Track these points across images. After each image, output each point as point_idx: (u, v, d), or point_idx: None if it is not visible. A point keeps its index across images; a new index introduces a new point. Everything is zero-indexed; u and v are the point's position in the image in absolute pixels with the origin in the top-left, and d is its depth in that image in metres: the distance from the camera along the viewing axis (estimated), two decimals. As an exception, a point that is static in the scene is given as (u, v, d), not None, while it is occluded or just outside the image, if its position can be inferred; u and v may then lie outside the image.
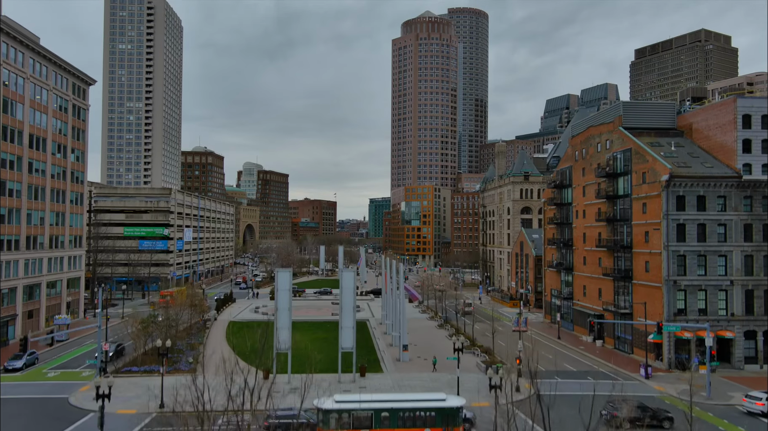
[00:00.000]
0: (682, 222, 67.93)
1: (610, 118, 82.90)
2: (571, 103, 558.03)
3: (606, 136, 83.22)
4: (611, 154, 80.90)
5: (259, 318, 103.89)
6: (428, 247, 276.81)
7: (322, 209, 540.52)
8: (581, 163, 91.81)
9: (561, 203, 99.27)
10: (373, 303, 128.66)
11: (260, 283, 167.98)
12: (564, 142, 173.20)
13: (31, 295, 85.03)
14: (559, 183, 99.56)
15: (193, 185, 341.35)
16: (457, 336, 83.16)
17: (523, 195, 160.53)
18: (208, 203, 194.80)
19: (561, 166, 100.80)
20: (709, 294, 67.70)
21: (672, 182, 67.48)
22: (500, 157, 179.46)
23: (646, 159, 72.16)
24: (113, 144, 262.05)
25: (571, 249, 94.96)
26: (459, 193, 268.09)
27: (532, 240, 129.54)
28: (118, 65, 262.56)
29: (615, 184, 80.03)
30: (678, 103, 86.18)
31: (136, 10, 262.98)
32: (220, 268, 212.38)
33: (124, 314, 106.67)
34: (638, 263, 73.45)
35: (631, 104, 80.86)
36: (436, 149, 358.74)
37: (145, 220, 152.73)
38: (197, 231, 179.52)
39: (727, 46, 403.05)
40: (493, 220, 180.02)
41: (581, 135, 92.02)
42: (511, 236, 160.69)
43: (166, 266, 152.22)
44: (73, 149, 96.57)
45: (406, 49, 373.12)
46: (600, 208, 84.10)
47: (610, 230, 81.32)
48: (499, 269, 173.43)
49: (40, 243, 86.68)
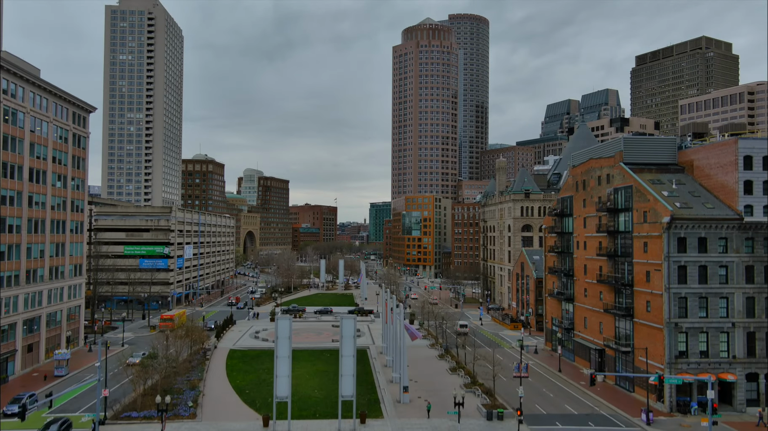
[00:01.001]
0: (683, 264, 67.70)
1: (611, 152, 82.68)
2: (572, 109, 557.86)
3: (607, 170, 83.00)
4: (612, 188, 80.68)
5: (259, 345, 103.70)
6: (429, 257, 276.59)
7: (323, 214, 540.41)
8: (582, 194, 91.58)
9: (562, 232, 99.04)
10: (374, 325, 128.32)
11: (260, 300, 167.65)
12: (565, 158, 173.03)
13: (31, 329, 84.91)
14: (559, 212, 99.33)
15: (194, 193, 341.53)
16: (458, 372, 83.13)
17: (524, 213, 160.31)
18: (208, 218, 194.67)
19: (562, 194, 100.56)
20: (711, 336, 67.47)
21: (673, 224, 67.27)
22: (501, 173, 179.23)
23: (647, 198, 71.93)
24: (114, 154, 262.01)
25: (572, 279, 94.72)
26: (459, 204, 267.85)
27: (533, 262, 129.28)
28: (119, 76, 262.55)
29: (616, 219, 79.80)
30: (679, 138, 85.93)
31: (136, 21, 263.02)
32: (221, 282, 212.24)
33: (124, 342, 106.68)
34: (639, 302, 73.21)
35: (631, 140, 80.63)
36: (437, 156, 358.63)
37: (146, 239, 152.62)
38: (197, 247, 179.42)
39: (727, 53, 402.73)
40: (494, 236, 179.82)
41: (582, 166, 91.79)
42: (512, 254, 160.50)
43: (166, 285, 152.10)
44: (73, 178, 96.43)
45: (406, 56, 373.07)
46: (601, 241, 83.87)
47: (611, 265, 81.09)
48: (500, 286, 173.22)
49: (40, 276, 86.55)
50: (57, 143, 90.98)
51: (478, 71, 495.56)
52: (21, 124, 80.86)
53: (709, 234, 67.91)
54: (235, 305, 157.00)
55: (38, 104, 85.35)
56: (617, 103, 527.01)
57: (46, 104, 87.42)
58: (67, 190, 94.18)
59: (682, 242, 67.97)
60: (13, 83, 78.77)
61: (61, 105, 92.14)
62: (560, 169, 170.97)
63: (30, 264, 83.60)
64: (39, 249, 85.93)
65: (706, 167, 74.39)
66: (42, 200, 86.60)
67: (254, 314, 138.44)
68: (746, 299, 67.88)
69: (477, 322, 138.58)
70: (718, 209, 69.48)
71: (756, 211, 68.54)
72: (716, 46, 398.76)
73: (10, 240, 78.31)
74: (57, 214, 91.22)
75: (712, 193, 72.95)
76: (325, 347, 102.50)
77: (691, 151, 77.99)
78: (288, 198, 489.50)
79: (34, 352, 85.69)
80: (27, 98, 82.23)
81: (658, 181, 75.27)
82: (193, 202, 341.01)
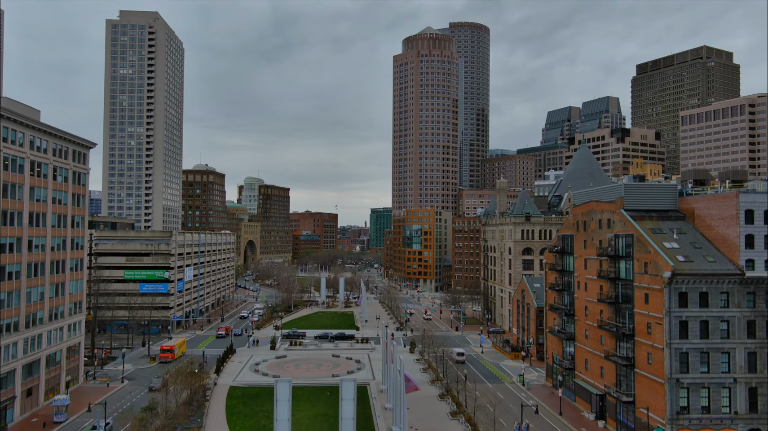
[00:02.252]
0: (684, 319, 67.46)
1: (612, 197, 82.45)
2: (573, 115, 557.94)
3: (608, 215, 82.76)
4: (613, 234, 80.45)
5: (259, 381, 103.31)
6: (429, 271, 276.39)
7: (323, 221, 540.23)
8: (582, 235, 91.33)
9: (563, 270, 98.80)
10: (374, 354, 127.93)
11: (260, 322, 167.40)
12: (566, 179, 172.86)
13: (30, 372, 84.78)
14: (560, 249, 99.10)
15: (194, 204, 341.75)
16: (458, 418, 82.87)
17: (525, 236, 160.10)
18: (208, 238, 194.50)
19: (563, 231, 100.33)
20: (712, 392, 67.23)
21: (675, 279, 67.04)
22: (501, 194, 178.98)
23: (648, 249, 71.70)
24: (114, 168, 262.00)
25: (572, 318, 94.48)
26: (460, 218, 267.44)
27: (533, 291, 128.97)
28: (119, 90, 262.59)
29: (617, 266, 79.55)
30: (680, 183, 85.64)
31: (137, 35, 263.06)
32: (221, 299, 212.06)
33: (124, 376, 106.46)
34: (641, 353, 72.96)
35: (632, 186, 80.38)
36: (437, 166, 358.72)
37: (146, 263, 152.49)
38: (198, 268, 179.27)
39: (728, 62, 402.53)
40: (495, 257, 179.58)
41: (583, 206, 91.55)
42: (513, 277, 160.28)
43: (166, 309, 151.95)
44: (73, 216, 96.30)
45: (407, 65, 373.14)
46: (602, 286, 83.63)
47: (612, 311, 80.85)
48: (500, 307, 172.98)
49: (40, 319, 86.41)
50: (57, 183, 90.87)
51: (479, 78, 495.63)
52: (21, 170, 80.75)
53: (711, 289, 67.67)
54: (225, 335, 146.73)
55: (38, 147, 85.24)
56: (618, 110, 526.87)
57: (46, 145, 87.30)
58: (67, 228, 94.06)
59: (684, 297, 67.72)
60: (13, 130, 78.66)
61: (61, 144, 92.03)
62: (561, 191, 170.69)
63: (30, 309, 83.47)
64: (39, 292, 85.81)
65: (707, 217, 74.16)
66: (42, 243, 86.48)
67: (254, 341, 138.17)
68: (748, 354, 67.63)
69: (477, 349, 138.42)
70: (719, 263, 69.22)
71: (757, 265, 68.29)
72: (717, 55, 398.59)
73: (9, 287, 78.16)
74: (57, 255, 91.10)
75: (713, 244, 72.70)
76: (326, 383, 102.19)
77: (692, 200, 77.74)
78: (288, 205, 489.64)
79: (34, 396, 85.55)
80: (27, 143, 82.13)
81: (659, 230, 75.03)
82: (194, 213, 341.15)
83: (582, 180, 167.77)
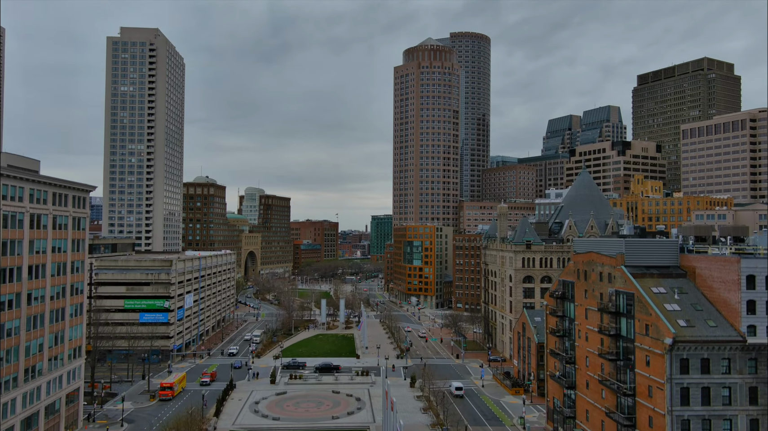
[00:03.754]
0: (686, 386, 67.16)
1: (613, 251, 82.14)
2: (573, 124, 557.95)
3: (608, 269, 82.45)
4: (614, 290, 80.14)
5: (259, 423, 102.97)
6: (430, 287, 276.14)
7: (324, 230, 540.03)
8: (583, 284, 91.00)
9: (563, 316, 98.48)
10: (374, 389, 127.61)
11: (260, 349, 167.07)
12: (566, 206, 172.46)
13: (29, 425, 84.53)
14: (560, 295, 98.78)
15: (195, 217, 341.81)
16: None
17: (525, 264, 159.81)
18: (209, 260, 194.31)
19: (563, 277, 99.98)
20: (714, 459, 66.89)
21: (676, 346, 66.73)
22: (502, 219, 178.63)
23: (649, 312, 71.40)
24: (115, 186, 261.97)
25: (574, 366, 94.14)
26: (461, 235, 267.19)
27: (534, 325, 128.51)
28: (120, 107, 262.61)
29: (618, 323, 79.25)
30: (681, 238, 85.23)
31: (138, 52, 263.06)
32: (222, 320, 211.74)
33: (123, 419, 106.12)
34: (642, 415, 72.65)
35: (633, 242, 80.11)
36: (438, 177, 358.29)
37: (146, 293, 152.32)
38: (198, 293, 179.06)
39: (729, 74, 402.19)
40: (495, 282, 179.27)
41: (584, 256, 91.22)
42: (514, 305, 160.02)
43: (166, 339, 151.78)
44: (72, 262, 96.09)
45: (407, 77, 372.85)
46: (603, 339, 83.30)
47: (613, 368, 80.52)
48: (501, 333, 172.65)
49: (39, 371, 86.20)
50: (57, 232, 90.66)
51: (480, 86, 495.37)
52: (20, 225, 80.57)
53: (712, 355, 67.38)
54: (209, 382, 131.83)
55: (38, 199, 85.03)
56: (619, 119, 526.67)
57: (45, 196, 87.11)
58: (67, 275, 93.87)
59: (685, 363, 67.43)
60: (12, 186, 78.49)
61: (61, 191, 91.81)
62: (561, 218, 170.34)
63: (29, 362, 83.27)
64: (38, 344, 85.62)
65: (709, 278, 73.84)
66: (41, 294, 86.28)
67: (254, 374, 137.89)
68: (750, 421, 67.33)
69: (478, 381, 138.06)
70: (720, 328, 68.91)
71: (759, 331, 68.02)
72: (718, 67, 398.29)
73: (8, 344, 77.98)
74: (56, 304, 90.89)
75: (714, 306, 72.38)
76: (325, 427, 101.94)
77: (694, 258, 77.42)
78: (289, 215, 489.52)
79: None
80: (26, 196, 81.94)
81: (659, 289, 74.70)
82: (194, 226, 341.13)
83: (582, 206, 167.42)
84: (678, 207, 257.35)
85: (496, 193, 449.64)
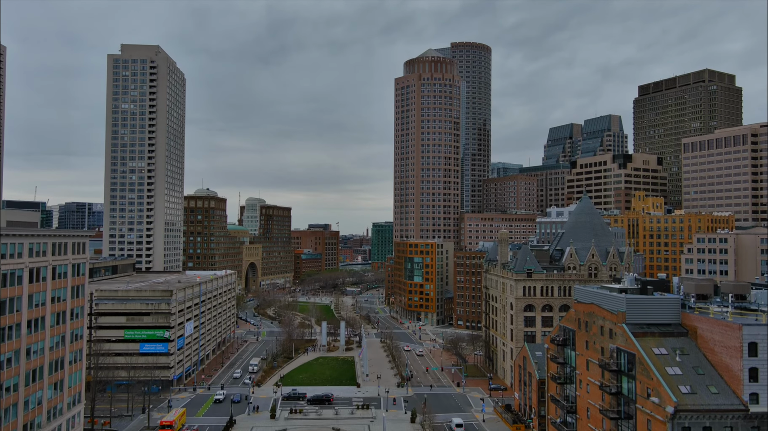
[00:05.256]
0: (687, 455, 66.79)
1: (614, 308, 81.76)
2: (574, 133, 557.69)
3: (609, 325, 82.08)
4: (615, 347, 79.77)
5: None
6: (431, 304, 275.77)
7: (325, 239, 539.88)
8: (584, 334, 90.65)
9: (564, 363, 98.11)
10: (375, 426, 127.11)
11: (260, 378, 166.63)
12: (567, 234, 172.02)
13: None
14: (561, 341, 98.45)
15: (196, 230, 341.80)
16: None
17: (526, 292, 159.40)
18: (209, 285, 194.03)
19: (564, 322, 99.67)
20: None
21: (678, 415, 66.37)
22: (503, 245, 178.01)
23: (650, 376, 71.03)
24: (116, 204, 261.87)
25: (575, 416, 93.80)
26: (462, 252, 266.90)
27: (535, 361, 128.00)
28: (121, 124, 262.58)
29: (619, 381, 78.89)
30: (683, 295, 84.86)
31: (138, 70, 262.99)
32: (222, 342, 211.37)
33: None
34: (643, 479, 72.29)
35: (634, 300, 79.73)
36: (439, 189, 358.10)
37: (146, 323, 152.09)
38: (198, 319, 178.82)
39: (731, 85, 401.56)
40: (497, 307, 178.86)
41: (585, 306, 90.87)
42: (515, 333, 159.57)
43: (167, 369, 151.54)
44: (72, 309, 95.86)
45: (408, 88, 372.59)
46: (604, 395, 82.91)
47: (614, 425, 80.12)
48: (502, 360, 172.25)
49: (38, 424, 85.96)
50: (56, 282, 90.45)
51: (481, 96, 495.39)
52: (19, 281, 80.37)
53: (714, 424, 67.01)
54: None
55: (37, 252, 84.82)
56: (620, 128, 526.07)
57: (44, 248, 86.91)
58: (66, 324, 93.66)
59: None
60: (11, 243, 78.29)
61: (60, 241, 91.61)
62: (562, 245, 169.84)
63: (27, 418, 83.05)
64: (36, 398, 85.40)
65: (710, 341, 73.43)
66: (40, 347, 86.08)
67: (254, 407, 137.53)
68: (751, 490, 66.89)
69: (479, 415, 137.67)
70: (722, 395, 68.52)
71: (761, 399, 67.58)
72: (719, 79, 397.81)
73: (7, 402, 77.75)
74: (55, 354, 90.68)
75: (716, 370, 71.97)
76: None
77: (695, 318, 77.02)
78: (290, 225, 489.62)
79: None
80: (25, 251, 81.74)
81: (661, 351, 74.31)
82: (195, 239, 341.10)
83: (583, 234, 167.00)
84: (679, 224, 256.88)
85: (497, 203, 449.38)
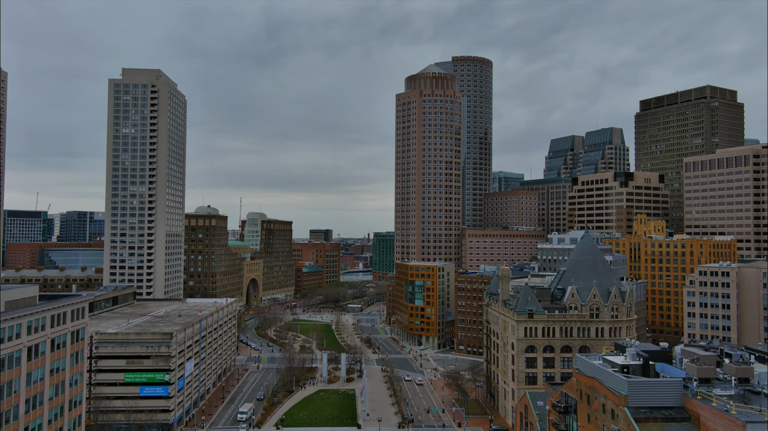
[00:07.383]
0: None
1: (616, 387, 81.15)
2: (576, 145, 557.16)
3: (611, 405, 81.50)
4: (618, 429, 79.13)
5: None
6: (432, 328, 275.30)
7: (326, 251, 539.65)
8: (586, 408, 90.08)
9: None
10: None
11: (259, 419, 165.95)
12: (568, 272, 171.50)
13: None
14: (563, 409, 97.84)
15: (197, 248, 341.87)
16: None
17: (528, 333, 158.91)
18: (210, 319, 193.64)
19: (566, 389, 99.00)
20: None
21: None
22: (504, 281, 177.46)
23: (653, 468, 70.45)
24: (116, 229, 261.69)
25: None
26: (463, 277, 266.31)
27: (537, 412, 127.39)
28: (122, 149, 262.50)
29: (621, 465, 78.25)
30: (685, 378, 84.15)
31: (140, 94, 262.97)
32: (223, 373, 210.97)
33: None
34: None
35: (636, 384, 79.14)
36: (440, 206, 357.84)
37: (147, 366, 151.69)
38: (199, 356, 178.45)
39: (732, 101, 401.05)
40: (498, 344, 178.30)
41: (586, 379, 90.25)
42: (516, 374, 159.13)
43: (167, 412, 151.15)
44: (71, 376, 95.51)
45: (409, 104, 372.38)
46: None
47: None
48: (504, 399, 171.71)
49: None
50: (54, 354, 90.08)
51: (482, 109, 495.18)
52: (18, 362, 80.00)
53: None
54: None
55: (35, 328, 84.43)
56: (621, 141, 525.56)
57: (43, 322, 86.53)
58: (65, 395, 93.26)
59: None
60: (10, 326, 77.89)
61: (58, 313, 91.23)
62: (563, 284, 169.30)
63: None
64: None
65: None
66: (38, 424, 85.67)
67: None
68: None
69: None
70: (725, 491, 67.93)
71: (765, 497, 66.91)
72: (721, 95, 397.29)
73: (5, 487, 77.40)
74: (53, 426, 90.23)
75: (719, 461, 71.35)
76: None
77: (698, 405, 76.38)
78: (291, 238, 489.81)
79: None
80: (24, 331, 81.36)
81: (664, 439, 73.72)
82: (196, 258, 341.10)
83: (584, 273, 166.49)
84: (681, 250, 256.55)
85: (498, 218, 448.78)
